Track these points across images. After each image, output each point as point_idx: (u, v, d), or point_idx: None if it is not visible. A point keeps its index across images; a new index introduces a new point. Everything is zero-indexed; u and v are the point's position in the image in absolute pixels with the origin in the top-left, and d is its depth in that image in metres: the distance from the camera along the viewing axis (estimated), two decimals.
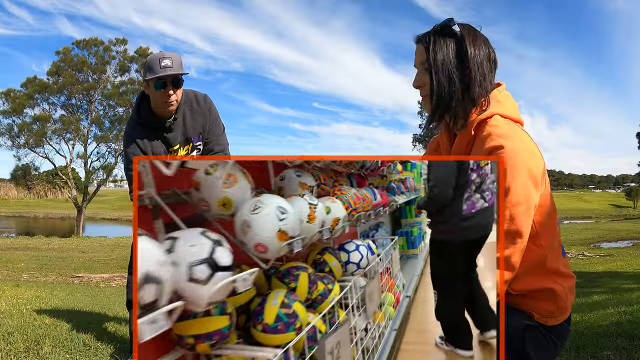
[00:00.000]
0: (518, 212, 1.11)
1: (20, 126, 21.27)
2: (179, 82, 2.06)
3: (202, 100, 2.25)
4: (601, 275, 7.07)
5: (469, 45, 1.18)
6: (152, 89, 2.05)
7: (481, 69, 1.19)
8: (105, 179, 23.44)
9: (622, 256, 11.34)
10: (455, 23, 1.20)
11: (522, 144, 1.14)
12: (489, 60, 1.21)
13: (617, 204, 68.38)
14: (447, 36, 1.20)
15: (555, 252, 1.23)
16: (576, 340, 2.46)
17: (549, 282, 1.21)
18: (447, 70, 1.19)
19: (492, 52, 1.22)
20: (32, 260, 10.80)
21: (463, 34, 1.19)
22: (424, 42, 1.23)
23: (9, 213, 39.79)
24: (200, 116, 2.24)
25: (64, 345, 2.18)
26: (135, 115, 2.16)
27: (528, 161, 1.12)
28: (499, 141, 1.13)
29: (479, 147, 1.19)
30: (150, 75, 2.00)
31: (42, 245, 15.65)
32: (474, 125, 1.21)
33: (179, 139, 2.21)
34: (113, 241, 18.08)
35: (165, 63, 2.00)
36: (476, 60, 1.19)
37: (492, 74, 1.23)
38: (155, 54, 2.07)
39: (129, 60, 23.10)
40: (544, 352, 1.23)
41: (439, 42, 1.20)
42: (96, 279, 8.46)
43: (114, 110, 22.87)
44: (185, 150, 2.26)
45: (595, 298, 4.47)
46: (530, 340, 1.20)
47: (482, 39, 1.22)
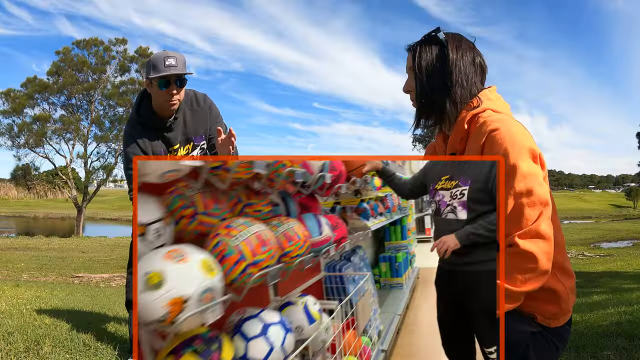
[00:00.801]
0: (532, 182, 1.13)
1: (20, 126, 21.26)
2: (183, 81, 2.06)
3: (201, 99, 2.25)
4: (601, 275, 7.07)
5: (452, 50, 1.28)
6: (155, 87, 2.04)
7: (464, 73, 1.28)
8: (105, 179, 23.43)
9: (622, 256, 11.34)
10: (441, 31, 1.31)
11: (517, 127, 1.19)
12: (474, 64, 1.30)
13: (617, 204, 68.36)
14: (433, 43, 1.31)
15: (559, 246, 1.24)
16: (576, 340, 2.46)
17: (553, 280, 1.21)
18: (430, 73, 1.28)
19: (477, 57, 1.31)
20: (32, 260, 10.80)
21: (447, 40, 1.29)
22: (411, 49, 1.33)
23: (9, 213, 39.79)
24: (201, 115, 2.24)
25: (64, 345, 2.18)
26: (135, 115, 2.15)
27: (527, 140, 1.17)
28: (495, 125, 1.18)
29: (473, 139, 1.24)
30: (154, 74, 2.00)
31: (42, 245, 15.64)
32: (466, 120, 1.27)
33: (179, 139, 2.21)
34: (113, 241, 18.08)
35: (170, 62, 2.00)
36: (458, 64, 1.27)
37: (477, 77, 1.31)
38: (159, 52, 2.06)
39: (129, 60, 23.10)
40: (547, 355, 1.23)
41: (424, 49, 1.31)
42: (96, 279, 8.46)
43: (114, 110, 22.88)
44: (186, 149, 2.25)
45: (595, 298, 4.47)
46: (534, 345, 1.20)
47: (467, 45, 1.31)
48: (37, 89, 21.78)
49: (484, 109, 1.26)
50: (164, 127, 2.14)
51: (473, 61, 1.29)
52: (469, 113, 1.26)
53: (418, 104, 1.32)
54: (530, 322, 1.22)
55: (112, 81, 22.90)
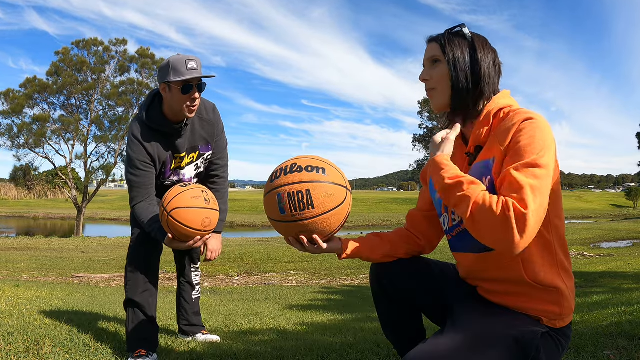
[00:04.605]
0: (541, 173, 1.08)
1: (19, 126, 21.27)
2: (203, 86, 2.01)
3: (211, 110, 2.21)
4: (601, 275, 7.07)
5: (479, 47, 1.29)
6: (174, 91, 1.96)
7: (490, 71, 1.29)
8: (105, 179, 23.44)
9: (622, 256, 11.34)
10: (466, 27, 1.32)
11: (548, 124, 1.18)
12: (495, 64, 1.32)
13: (617, 204, 68.39)
14: (461, 37, 1.31)
15: (563, 246, 1.25)
16: (576, 340, 2.46)
17: (557, 279, 1.22)
18: (463, 66, 1.29)
19: (497, 59, 1.33)
20: (32, 260, 10.80)
21: (474, 37, 1.31)
22: (439, 40, 1.32)
23: (9, 213, 39.79)
24: (209, 126, 2.19)
25: (64, 345, 2.18)
26: (144, 117, 2.07)
27: (553, 139, 1.15)
28: (530, 114, 1.17)
29: (502, 131, 1.20)
30: (176, 77, 1.92)
31: (42, 246, 15.64)
32: (492, 113, 1.27)
33: (186, 146, 2.17)
34: (113, 241, 18.07)
35: (192, 65, 1.93)
36: (485, 62, 1.29)
37: (497, 78, 1.33)
38: (178, 55, 1.97)
39: (129, 60, 23.12)
40: (555, 355, 1.23)
41: (454, 42, 1.30)
42: (96, 279, 8.46)
43: (113, 110, 22.90)
44: (190, 157, 2.22)
45: (595, 298, 4.47)
46: (544, 347, 1.20)
47: (490, 47, 1.32)
48: (37, 89, 21.79)
49: (509, 105, 1.26)
50: (174, 132, 2.09)
51: (494, 61, 1.31)
52: (495, 107, 1.27)
53: (453, 96, 1.30)
54: (537, 324, 1.22)
55: (111, 81, 22.92)
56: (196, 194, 1.85)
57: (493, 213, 1.04)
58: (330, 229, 1.32)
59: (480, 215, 1.07)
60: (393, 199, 63.76)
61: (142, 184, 2.08)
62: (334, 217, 1.30)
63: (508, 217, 1.03)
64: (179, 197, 1.82)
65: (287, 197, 1.27)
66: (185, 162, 2.21)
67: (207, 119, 2.19)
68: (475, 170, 1.25)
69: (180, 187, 1.87)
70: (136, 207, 2.08)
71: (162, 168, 2.17)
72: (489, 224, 1.05)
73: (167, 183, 2.23)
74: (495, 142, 1.21)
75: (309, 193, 1.27)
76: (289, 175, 1.30)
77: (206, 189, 1.94)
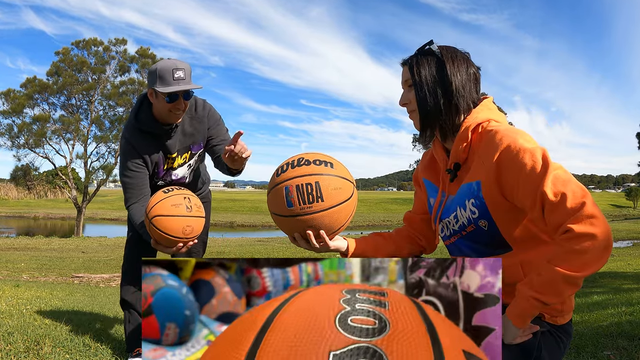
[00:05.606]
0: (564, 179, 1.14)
1: (20, 126, 21.27)
2: (189, 94, 2.00)
3: (200, 106, 2.18)
4: (601, 276, 7.07)
5: (447, 61, 1.29)
6: (160, 99, 1.97)
7: (461, 82, 1.29)
8: (105, 179, 23.43)
9: (622, 256, 11.34)
10: (434, 44, 1.32)
11: (533, 141, 1.18)
12: (468, 74, 1.31)
13: (617, 204, 68.35)
14: (429, 55, 1.32)
15: None
16: (576, 340, 2.46)
17: None
18: (430, 85, 1.29)
19: (470, 67, 1.32)
20: (32, 260, 10.80)
21: (442, 52, 1.31)
22: (408, 63, 1.34)
23: (9, 213, 39.79)
24: (199, 124, 2.18)
25: (64, 345, 2.18)
26: (133, 120, 2.08)
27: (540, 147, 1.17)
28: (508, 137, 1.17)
29: (485, 146, 1.22)
30: (162, 87, 1.91)
31: (42, 246, 15.65)
32: (470, 128, 1.27)
33: (177, 147, 2.16)
34: (113, 241, 18.08)
35: (179, 75, 1.91)
36: (455, 75, 1.28)
37: (473, 87, 1.32)
38: (167, 62, 1.94)
39: (129, 60, 23.12)
40: (556, 352, 1.24)
41: (421, 61, 1.31)
42: (96, 279, 8.46)
43: (113, 111, 22.90)
44: (184, 158, 2.21)
45: (595, 298, 4.47)
46: (545, 344, 1.21)
47: (461, 56, 1.32)
48: (37, 89, 21.80)
49: (487, 119, 1.27)
50: (164, 134, 2.09)
51: (467, 71, 1.31)
52: (472, 122, 1.27)
53: (421, 116, 1.31)
54: (539, 321, 1.23)
55: (111, 81, 22.93)
56: (177, 202, 1.80)
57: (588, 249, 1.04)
58: (337, 224, 1.30)
59: (585, 257, 1.04)
60: (393, 199, 63.78)
61: (135, 185, 2.09)
62: (342, 212, 1.29)
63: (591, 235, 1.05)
64: (160, 205, 1.80)
65: (296, 190, 1.24)
66: (177, 162, 2.21)
67: (196, 116, 2.17)
68: (461, 193, 1.28)
69: (163, 192, 1.84)
70: (130, 208, 2.10)
71: (155, 169, 2.17)
72: (596, 255, 1.05)
73: (161, 183, 2.24)
74: (480, 165, 1.22)
75: (318, 185, 1.24)
76: (297, 169, 1.27)
77: (191, 194, 1.87)
